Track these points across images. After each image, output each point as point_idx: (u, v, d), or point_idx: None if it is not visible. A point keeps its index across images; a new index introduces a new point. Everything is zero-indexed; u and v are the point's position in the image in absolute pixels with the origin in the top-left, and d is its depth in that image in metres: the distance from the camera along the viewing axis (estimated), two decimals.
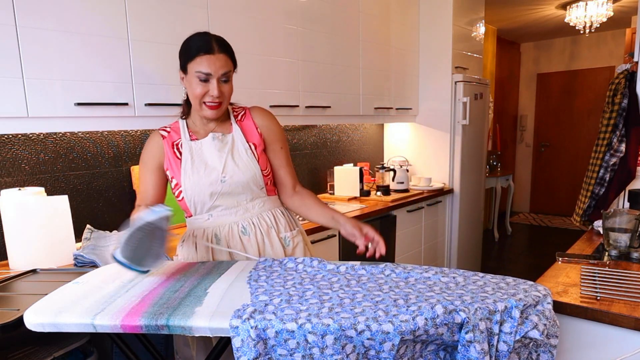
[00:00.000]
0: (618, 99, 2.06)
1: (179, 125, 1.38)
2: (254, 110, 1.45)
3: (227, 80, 1.29)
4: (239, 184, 1.32)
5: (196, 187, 1.30)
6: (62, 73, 1.50)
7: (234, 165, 1.32)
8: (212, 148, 1.33)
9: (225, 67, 1.26)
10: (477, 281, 1.04)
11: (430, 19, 3.27)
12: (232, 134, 1.37)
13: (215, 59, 1.25)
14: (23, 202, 1.45)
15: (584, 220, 2.16)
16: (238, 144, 1.36)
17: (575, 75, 6.02)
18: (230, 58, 1.30)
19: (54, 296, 0.98)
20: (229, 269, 1.17)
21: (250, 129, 1.40)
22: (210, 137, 1.34)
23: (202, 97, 1.27)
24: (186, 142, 1.34)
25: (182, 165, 1.31)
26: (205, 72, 1.24)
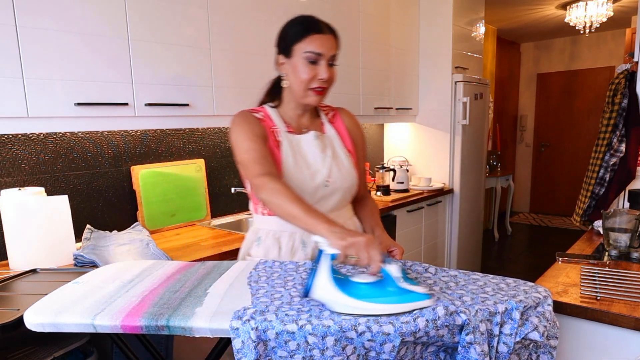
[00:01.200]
0: (618, 99, 2.06)
1: (269, 112, 1.28)
2: (343, 112, 1.39)
3: (334, 64, 1.22)
4: (339, 190, 1.26)
5: (298, 187, 1.20)
6: (62, 73, 1.50)
7: (338, 170, 1.26)
8: (314, 147, 1.25)
9: (334, 49, 1.20)
10: (477, 281, 1.04)
11: (430, 19, 3.27)
12: (327, 134, 1.31)
13: (326, 38, 1.18)
14: (23, 202, 1.45)
15: (584, 220, 2.17)
16: (337, 148, 1.30)
17: (575, 75, 6.02)
18: (337, 42, 1.23)
19: (54, 296, 0.98)
20: (229, 270, 1.17)
21: (344, 134, 1.34)
22: (313, 136, 1.26)
23: (310, 82, 1.18)
24: (284, 133, 1.24)
25: (283, 160, 1.21)
26: (316, 51, 1.16)
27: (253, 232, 1.34)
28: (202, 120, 1.95)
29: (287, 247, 1.27)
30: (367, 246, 0.90)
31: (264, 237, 1.29)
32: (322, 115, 1.36)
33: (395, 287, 0.87)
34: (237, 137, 1.20)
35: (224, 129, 2.38)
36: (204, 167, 2.25)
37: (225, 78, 1.99)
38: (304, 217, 1.00)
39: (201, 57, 1.90)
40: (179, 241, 1.87)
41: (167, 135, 2.14)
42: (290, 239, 1.27)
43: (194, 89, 1.88)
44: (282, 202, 1.05)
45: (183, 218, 2.14)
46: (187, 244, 1.81)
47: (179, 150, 2.19)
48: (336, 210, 1.30)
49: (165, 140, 2.13)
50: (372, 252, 0.89)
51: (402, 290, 0.87)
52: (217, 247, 1.76)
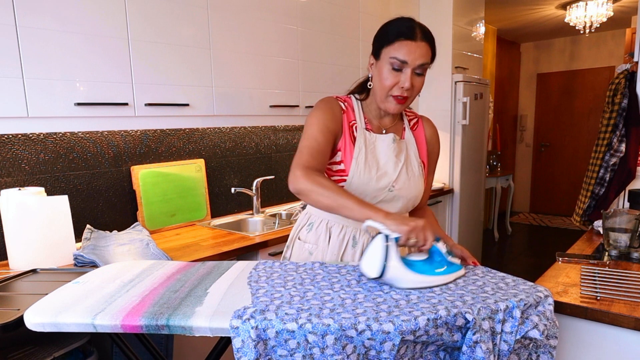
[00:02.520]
0: (618, 99, 2.06)
1: (354, 104, 1.26)
2: (426, 122, 1.36)
3: (422, 73, 1.17)
4: (403, 198, 1.25)
5: (362, 185, 1.20)
6: (62, 73, 1.50)
7: (407, 177, 1.24)
8: (388, 150, 1.23)
9: (424, 58, 1.14)
10: (476, 281, 1.04)
11: (430, 19, 3.27)
12: (404, 140, 1.29)
13: (416, 46, 1.12)
14: (23, 202, 1.45)
15: (584, 220, 2.17)
16: (412, 156, 1.28)
17: (575, 75, 6.02)
18: (432, 49, 1.17)
19: (54, 296, 0.98)
20: (230, 269, 1.17)
21: (422, 144, 1.32)
22: (391, 138, 1.24)
23: (391, 89, 1.16)
24: (361, 129, 1.23)
25: (355, 155, 1.20)
26: (401, 59, 1.13)
27: (304, 217, 1.36)
28: (202, 120, 1.95)
29: (337, 238, 1.27)
30: (424, 229, 1.00)
31: (317, 224, 1.30)
32: (406, 120, 1.34)
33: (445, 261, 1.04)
34: (310, 121, 1.21)
35: (224, 129, 2.38)
36: (204, 167, 2.25)
37: (225, 78, 1.99)
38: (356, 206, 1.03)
39: (201, 57, 1.90)
40: (179, 241, 1.87)
41: (167, 135, 2.14)
42: (342, 231, 1.27)
43: (194, 89, 1.88)
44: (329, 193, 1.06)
45: (183, 218, 2.14)
46: (187, 244, 1.81)
47: (179, 150, 2.19)
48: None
49: (165, 140, 2.13)
50: (428, 234, 1.00)
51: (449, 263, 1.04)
52: (217, 247, 1.76)
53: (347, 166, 1.22)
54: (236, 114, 2.07)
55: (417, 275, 0.99)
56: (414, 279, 0.99)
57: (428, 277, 1.00)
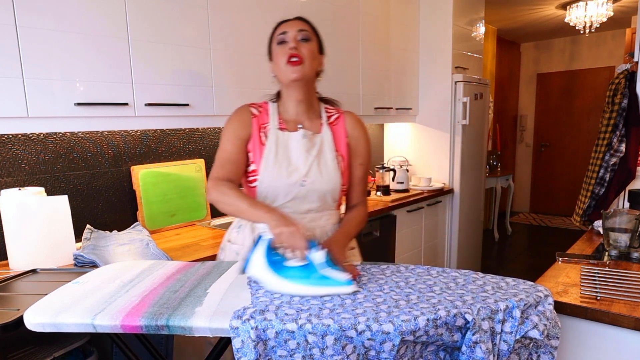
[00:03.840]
0: (618, 99, 2.06)
1: (269, 108, 1.34)
2: (348, 115, 1.39)
3: (307, 39, 1.26)
4: (316, 192, 1.27)
5: (273, 182, 1.25)
6: (62, 73, 1.50)
7: (318, 171, 1.27)
8: (299, 146, 1.28)
9: (301, 25, 1.27)
10: (476, 280, 1.04)
11: (430, 19, 3.27)
12: (321, 135, 1.32)
13: (292, 22, 1.28)
14: (23, 202, 1.45)
15: (584, 220, 2.17)
16: (326, 150, 1.30)
17: (575, 75, 6.02)
18: (309, 24, 1.30)
19: (54, 296, 0.98)
20: (229, 269, 1.17)
21: (340, 137, 1.34)
22: (301, 134, 1.29)
23: (283, 58, 1.24)
24: (274, 129, 1.29)
25: (265, 154, 1.26)
26: (281, 31, 1.26)
27: (237, 220, 1.41)
28: (202, 120, 1.95)
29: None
30: (290, 235, 1.03)
31: (244, 225, 1.36)
32: (324, 115, 1.36)
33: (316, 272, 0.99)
34: (222, 133, 1.31)
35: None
36: (203, 167, 2.25)
37: (225, 78, 1.99)
38: (249, 209, 1.13)
39: (201, 57, 1.90)
40: (179, 241, 1.87)
41: (167, 135, 2.14)
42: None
43: (194, 89, 1.88)
44: (230, 200, 1.17)
45: (183, 218, 2.14)
46: (187, 244, 1.81)
47: (179, 150, 2.19)
48: (313, 213, 1.30)
49: (165, 140, 2.13)
50: (295, 240, 1.02)
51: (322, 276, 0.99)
52: (217, 247, 1.76)
53: (257, 166, 1.27)
54: None
55: (278, 280, 0.98)
56: (277, 283, 0.98)
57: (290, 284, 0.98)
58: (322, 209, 1.31)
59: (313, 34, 1.29)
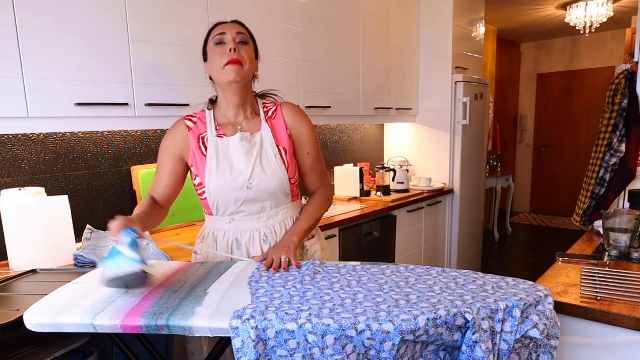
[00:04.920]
0: (618, 99, 2.06)
1: (206, 116, 1.32)
2: (285, 107, 1.36)
3: (245, 42, 1.26)
4: (265, 191, 1.27)
5: (220, 191, 1.25)
6: (62, 73, 1.50)
7: (262, 171, 1.27)
8: (239, 149, 1.27)
9: (238, 28, 1.26)
10: (476, 280, 1.04)
11: (430, 19, 3.27)
12: (260, 132, 1.30)
13: (230, 24, 1.27)
14: (23, 202, 1.45)
15: (584, 220, 2.16)
16: (267, 147, 1.29)
17: (575, 75, 6.02)
18: (245, 29, 1.30)
19: (54, 296, 0.98)
20: (229, 270, 1.17)
21: (280, 130, 1.33)
22: (238, 137, 1.28)
23: (221, 59, 1.23)
24: (212, 138, 1.28)
25: (207, 165, 1.26)
26: (219, 32, 1.24)
27: (200, 230, 1.43)
28: None
29: (222, 244, 1.33)
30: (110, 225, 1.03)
31: (206, 234, 1.37)
32: (262, 111, 1.35)
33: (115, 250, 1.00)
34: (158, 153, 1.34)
35: None
36: None
37: None
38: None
39: (201, 57, 1.89)
40: (178, 241, 1.87)
41: None
42: (225, 236, 1.32)
43: (193, 89, 1.88)
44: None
45: (183, 218, 2.14)
46: (187, 244, 1.81)
47: None
48: (268, 211, 1.32)
49: None
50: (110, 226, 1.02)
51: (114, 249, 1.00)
52: None
53: (202, 178, 1.27)
54: None
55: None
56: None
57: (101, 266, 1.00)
58: (276, 205, 1.32)
59: (250, 37, 1.30)
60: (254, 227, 1.31)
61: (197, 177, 1.28)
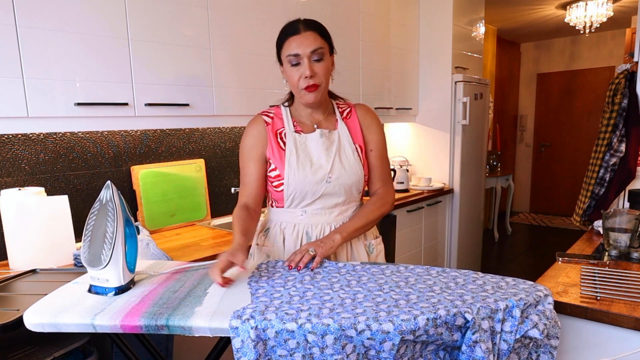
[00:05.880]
0: (618, 99, 2.06)
1: (282, 112, 1.35)
2: (359, 108, 1.43)
3: (320, 59, 1.24)
4: (343, 186, 1.30)
5: (300, 183, 1.27)
6: (62, 73, 1.50)
7: (341, 166, 1.30)
8: (318, 145, 1.30)
9: (314, 44, 1.22)
10: (476, 280, 1.04)
11: (430, 19, 3.26)
12: (337, 131, 1.34)
13: (302, 37, 1.22)
14: (23, 202, 1.45)
15: (584, 220, 2.16)
16: (345, 144, 1.33)
17: (575, 75, 6.02)
18: (320, 35, 1.26)
19: (54, 296, 0.98)
20: (229, 270, 1.17)
21: (356, 129, 1.37)
22: (318, 134, 1.31)
23: (298, 83, 1.24)
24: (290, 133, 1.31)
25: (287, 158, 1.28)
26: (293, 53, 1.22)
27: (262, 224, 1.43)
28: (202, 120, 1.95)
29: (291, 237, 1.33)
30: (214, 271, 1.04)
31: (272, 228, 1.37)
32: (337, 111, 1.39)
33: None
34: (240, 150, 1.35)
35: (224, 129, 2.38)
36: (204, 167, 2.25)
37: (225, 78, 1.99)
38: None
39: (201, 57, 1.90)
40: (179, 241, 1.87)
41: (167, 135, 2.14)
42: (295, 230, 1.33)
43: (194, 89, 1.88)
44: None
45: (183, 218, 2.14)
46: (187, 244, 1.81)
47: (179, 150, 2.19)
48: (340, 207, 1.33)
49: (165, 140, 2.13)
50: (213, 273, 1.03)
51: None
52: (217, 247, 1.76)
53: (281, 171, 1.29)
54: (236, 114, 2.07)
55: None
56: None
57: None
58: (348, 201, 1.34)
59: (325, 43, 1.26)
60: (326, 221, 1.32)
61: (275, 169, 1.30)
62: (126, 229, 1.01)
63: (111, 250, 0.96)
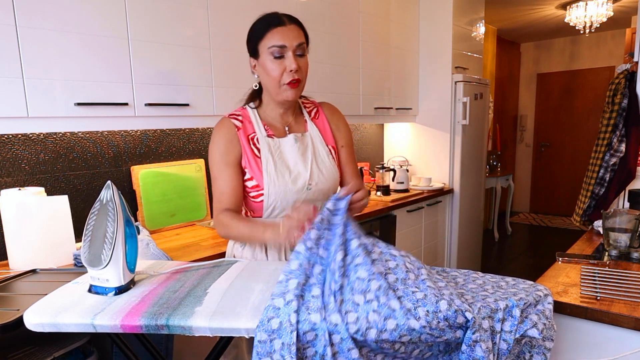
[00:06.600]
0: (618, 99, 2.06)
1: (249, 115, 1.26)
2: (325, 107, 1.38)
3: (303, 54, 1.20)
4: (322, 192, 1.26)
5: (281, 193, 1.21)
6: (62, 73, 1.50)
7: (319, 171, 1.25)
8: (293, 150, 1.24)
9: (299, 38, 1.18)
10: (476, 280, 1.04)
11: (430, 19, 3.26)
12: (308, 133, 1.29)
13: (288, 30, 1.18)
14: (23, 202, 1.45)
15: (584, 220, 2.17)
16: (319, 147, 1.28)
17: (575, 75, 6.02)
18: (303, 30, 1.22)
19: (54, 296, 0.98)
20: (229, 269, 1.17)
21: (326, 129, 1.33)
22: (292, 139, 1.26)
23: (281, 77, 1.17)
24: (263, 139, 1.24)
25: (264, 167, 1.21)
26: (279, 44, 1.16)
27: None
28: (202, 120, 1.95)
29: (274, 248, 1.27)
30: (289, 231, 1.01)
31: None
32: (305, 112, 1.34)
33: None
34: (210, 160, 1.25)
35: None
36: (203, 167, 2.25)
37: (225, 78, 1.99)
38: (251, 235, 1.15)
39: (201, 57, 1.90)
40: (179, 241, 1.87)
41: (167, 135, 2.14)
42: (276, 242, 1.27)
43: (194, 89, 1.88)
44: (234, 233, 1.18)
45: (183, 218, 2.14)
46: (187, 244, 1.81)
47: (179, 150, 2.19)
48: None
49: (165, 140, 2.13)
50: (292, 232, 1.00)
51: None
52: (217, 247, 1.76)
53: (258, 180, 1.22)
54: None
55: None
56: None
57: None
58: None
59: (305, 40, 1.23)
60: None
61: (252, 179, 1.23)
62: (126, 229, 1.01)
63: (111, 250, 0.95)
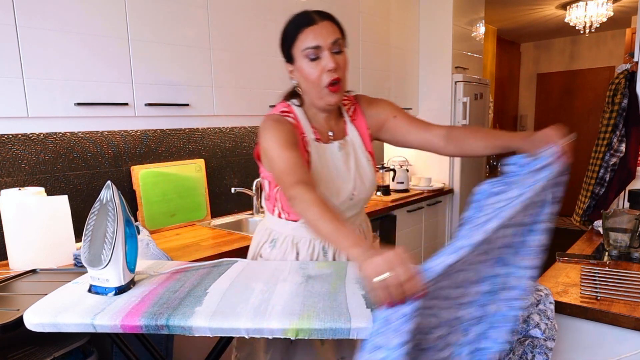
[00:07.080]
0: (618, 99, 2.06)
1: (297, 115, 1.17)
2: (361, 101, 1.30)
3: (340, 51, 1.13)
4: (362, 200, 1.23)
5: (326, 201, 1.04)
6: (62, 73, 1.50)
7: (361, 181, 1.20)
8: (337, 158, 1.18)
9: (333, 35, 1.10)
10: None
11: (430, 19, 3.26)
12: (349, 137, 1.23)
13: (320, 27, 1.10)
14: (23, 202, 1.45)
15: (584, 220, 2.17)
16: (359, 154, 1.23)
17: (575, 75, 6.02)
18: (336, 24, 1.13)
19: (54, 296, 0.98)
20: (229, 269, 1.17)
21: (364, 132, 1.26)
22: (337, 147, 1.20)
23: (320, 80, 1.10)
24: (312, 142, 1.16)
25: (312, 170, 1.14)
26: (313, 45, 1.08)
27: (265, 233, 1.28)
28: (202, 120, 1.95)
29: (307, 253, 1.21)
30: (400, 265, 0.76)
31: (281, 241, 1.24)
32: (345, 113, 1.28)
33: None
34: (268, 144, 1.09)
35: (224, 129, 2.38)
36: (204, 167, 2.25)
37: (225, 78, 1.99)
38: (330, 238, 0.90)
39: (201, 57, 1.90)
40: (179, 241, 1.87)
41: (167, 135, 2.14)
42: (310, 245, 1.21)
43: (194, 89, 1.88)
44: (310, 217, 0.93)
45: (183, 218, 2.14)
46: (187, 244, 1.81)
47: (179, 150, 2.19)
48: (354, 217, 1.26)
49: (165, 140, 2.13)
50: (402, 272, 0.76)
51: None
52: (217, 247, 1.76)
53: None
54: (236, 114, 2.07)
55: None
56: None
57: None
58: (361, 211, 1.30)
59: (341, 34, 1.15)
60: None
61: None
62: (126, 229, 1.01)
63: (111, 250, 0.96)
